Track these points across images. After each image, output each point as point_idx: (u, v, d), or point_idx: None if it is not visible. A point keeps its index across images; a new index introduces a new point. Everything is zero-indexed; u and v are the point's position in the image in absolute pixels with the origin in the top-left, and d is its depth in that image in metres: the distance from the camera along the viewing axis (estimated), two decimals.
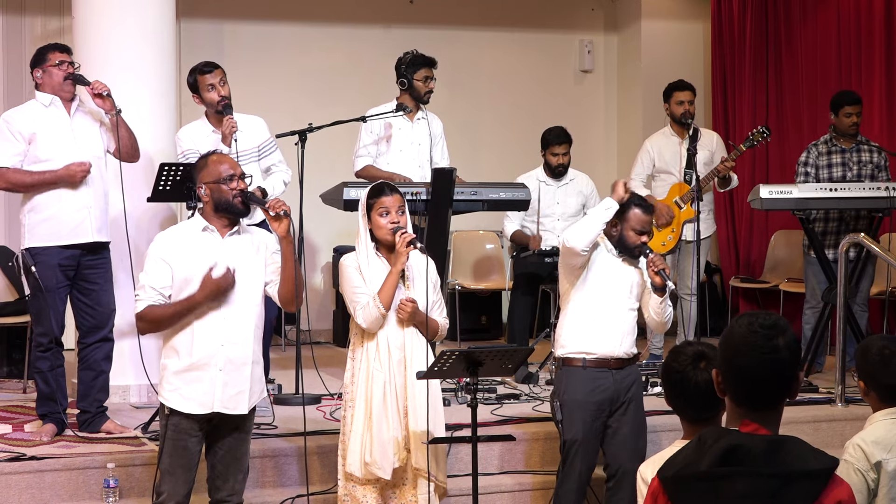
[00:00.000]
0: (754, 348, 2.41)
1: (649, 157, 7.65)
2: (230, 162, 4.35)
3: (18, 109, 5.65)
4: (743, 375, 2.43)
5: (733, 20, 9.48)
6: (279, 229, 4.22)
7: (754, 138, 7.31)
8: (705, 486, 2.35)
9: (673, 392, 3.37)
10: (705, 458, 2.36)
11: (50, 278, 5.47)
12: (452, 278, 8.67)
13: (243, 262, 4.25)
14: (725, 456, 2.34)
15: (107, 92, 5.50)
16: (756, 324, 2.43)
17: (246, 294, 4.24)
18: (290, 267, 4.24)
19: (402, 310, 4.49)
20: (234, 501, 4.34)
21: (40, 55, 5.63)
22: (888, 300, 7.32)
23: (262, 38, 9.22)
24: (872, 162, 7.25)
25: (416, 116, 6.79)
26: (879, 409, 3.79)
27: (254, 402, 4.33)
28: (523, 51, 9.97)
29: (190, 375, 4.20)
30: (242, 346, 4.23)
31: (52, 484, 5.11)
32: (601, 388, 4.84)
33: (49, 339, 5.51)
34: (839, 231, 7.18)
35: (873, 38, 8.24)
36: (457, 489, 5.15)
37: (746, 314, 2.48)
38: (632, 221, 4.88)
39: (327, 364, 7.14)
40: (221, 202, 4.24)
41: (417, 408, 4.48)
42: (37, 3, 8.61)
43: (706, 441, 2.39)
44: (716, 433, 2.41)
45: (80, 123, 5.63)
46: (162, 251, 4.23)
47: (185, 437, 4.21)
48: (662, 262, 4.84)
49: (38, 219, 5.52)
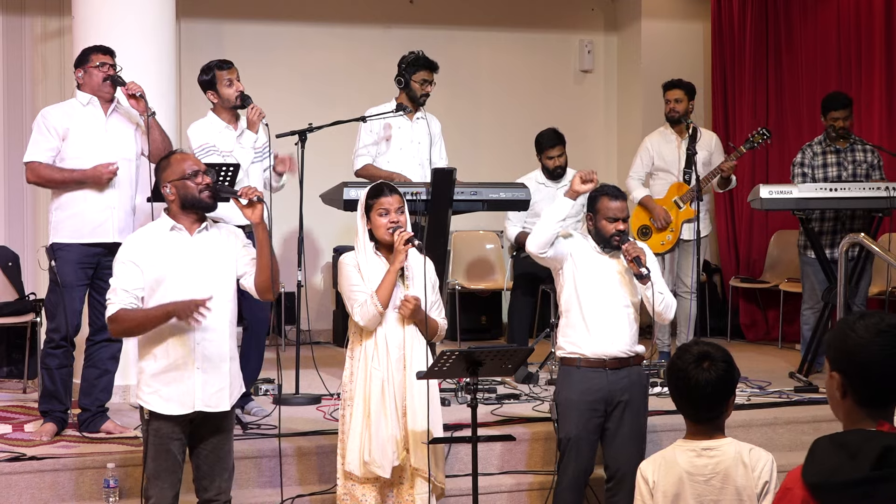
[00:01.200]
0: (884, 348, 2.40)
1: (648, 156, 7.68)
2: (193, 159, 4.34)
3: (57, 106, 5.72)
4: (874, 376, 2.42)
5: (733, 20, 9.49)
6: (253, 216, 4.19)
7: (755, 140, 7.31)
8: (863, 491, 2.31)
9: (676, 391, 3.38)
10: (858, 461, 2.32)
11: (68, 274, 5.51)
12: (452, 278, 8.68)
13: (213, 258, 4.23)
14: (881, 458, 2.31)
15: (140, 93, 5.54)
16: (883, 324, 2.42)
17: (218, 290, 4.20)
18: (267, 254, 4.20)
19: (404, 306, 4.49)
20: (221, 500, 4.32)
21: (83, 56, 5.69)
22: (888, 300, 7.33)
23: (262, 38, 9.23)
24: (867, 161, 7.26)
25: (416, 116, 6.80)
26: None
27: (234, 399, 4.30)
28: (523, 51, 9.97)
29: (168, 376, 4.17)
30: (218, 342, 4.21)
31: (52, 484, 5.11)
32: (594, 389, 4.83)
33: (61, 335, 5.52)
34: (835, 231, 7.19)
35: (873, 38, 8.25)
36: (456, 489, 5.15)
37: (862, 314, 2.47)
38: (602, 211, 4.87)
39: (327, 364, 7.13)
40: (188, 198, 4.21)
41: (416, 407, 4.48)
42: (37, 3, 8.62)
43: (851, 444, 2.36)
44: (860, 436, 2.38)
45: (115, 124, 5.67)
46: (130, 254, 4.21)
47: (168, 440, 4.19)
48: (636, 250, 4.78)
49: (63, 216, 5.57)
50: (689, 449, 3.34)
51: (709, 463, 3.31)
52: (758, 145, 7.37)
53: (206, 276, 4.20)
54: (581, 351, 4.86)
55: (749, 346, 8.90)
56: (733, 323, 9.28)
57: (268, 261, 4.20)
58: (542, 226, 4.83)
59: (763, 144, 7.41)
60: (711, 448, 3.32)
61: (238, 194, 4.22)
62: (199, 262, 4.20)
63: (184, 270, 4.18)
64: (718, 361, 3.28)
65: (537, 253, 4.85)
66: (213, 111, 6.08)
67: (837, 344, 2.47)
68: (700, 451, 3.32)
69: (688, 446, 3.35)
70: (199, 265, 4.20)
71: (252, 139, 5.99)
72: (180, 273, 4.17)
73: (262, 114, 5.97)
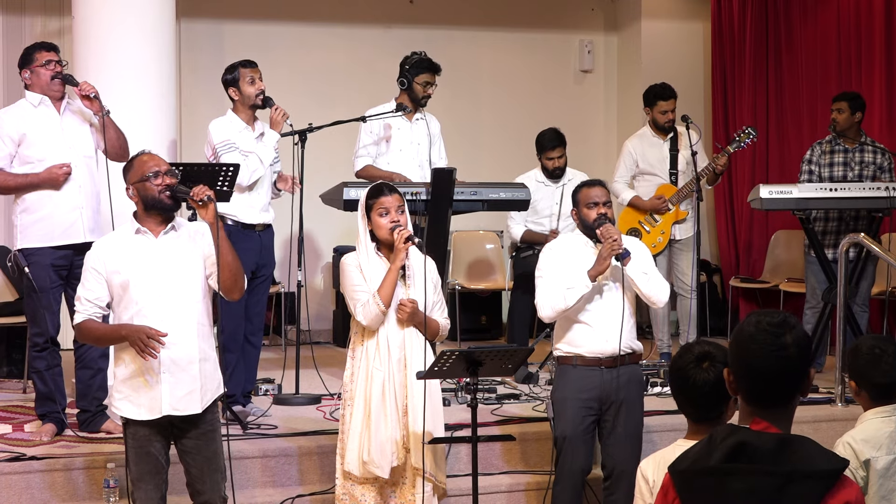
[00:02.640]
0: (763, 346, 2.42)
1: (632, 159, 7.65)
2: (156, 160, 4.29)
3: (8, 110, 5.65)
4: (753, 373, 2.45)
5: (733, 20, 9.49)
6: (206, 216, 4.15)
7: (741, 139, 7.31)
8: (711, 482, 2.36)
9: (676, 390, 3.39)
10: (714, 453, 2.37)
11: (43, 278, 5.48)
12: (452, 278, 8.68)
13: (179, 260, 4.19)
14: (733, 452, 2.35)
15: (94, 94, 5.47)
16: (764, 322, 2.44)
17: (185, 292, 4.18)
18: (225, 253, 4.16)
19: (401, 310, 4.49)
20: (216, 501, 4.30)
21: (27, 55, 5.62)
22: (888, 300, 7.33)
23: (262, 38, 9.22)
24: (875, 163, 7.25)
25: (415, 117, 6.79)
26: (870, 408, 3.81)
27: (209, 400, 4.24)
28: (523, 51, 9.97)
29: (136, 382, 4.15)
30: (185, 345, 4.16)
31: (52, 484, 5.11)
32: (589, 387, 4.83)
33: (45, 338, 5.52)
34: (839, 231, 7.18)
35: (873, 38, 8.24)
36: (456, 489, 5.15)
37: (755, 312, 2.49)
38: (583, 200, 4.89)
39: (327, 364, 7.14)
40: (148, 199, 4.19)
41: (416, 407, 4.48)
42: (37, 3, 8.62)
43: (716, 438, 2.41)
44: (727, 430, 2.43)
45: (70, 122, 5.61)
46: (94, 261, 4.19)
47: (147, 443, 4.18)
48: (609, 231, 4.73)
49: (30, 220, 5.52)
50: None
51: None
52: (745, 145, 7.37)
53: (173, 277, 4.16)
54: (576, 350, 4.87)
55: None
56: (733, 323, 9.27)
57: (227, 260, 4.16)
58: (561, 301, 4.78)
59: (750, 143, 7.41)
60: None
61: (190, 194, 4.18)
62: (164, 264, 4.16)
63: (149, 273, 4.14)
64: (718, 362, 3.28)
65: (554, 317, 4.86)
66: (232, 110, 6.08)
67: (731, 340, 2.52)
68: None
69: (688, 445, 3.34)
70: (164, 267, 4.16)
71: (275, 139, 6.02)
72: (146, 276, 4.14)
73: (286, 114, 6.03)
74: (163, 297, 4.13)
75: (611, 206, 4.91)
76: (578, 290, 4.74)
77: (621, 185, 7.62)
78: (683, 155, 7.49)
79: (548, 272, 4.85)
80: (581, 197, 4.91)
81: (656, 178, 7.57)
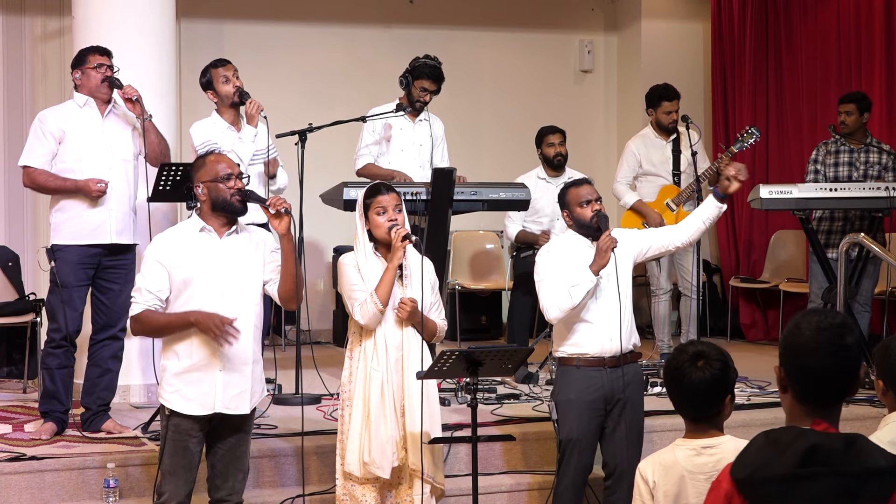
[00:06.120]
0: (824, 346, 2.42)
1: (635, 160, 7.63)
2: (227, 161, 4.35)
3: (54, 109, 5.72)
4: (812, 374, 2.44)
5: (733, 20, 9.49)
6: (280, 227, 4.22)
7: (744, 139, 7.25)
8: (787, 487, 2.33)
9: (671, 389, 3.38)
10: (785, 458, 2.34)
11: (68, 275, 5.53)
12: (452, 278, 8.68)
13: (241, 262, 4.25)
14: (807, 456, 2.33)
15: (137, 97, 5.55)
16: (825, 322, 2.44)
17: (245, 294, 4.24)
18: (291, 265, 4.23)
19: (401, 309, 4.48)
20: (233, 501, 4.33)
21: (81, 57, 5.70)
22: (888, 300, 7.32)
23: (262, 38, 9.23)
24: (880, 163, 7.25)
25: (419, 118, 6.78)
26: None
27: (255, 402, 4.33)
28: (523, 51, 9.98)
29: (191, 377, 4.19)
30: (242, 346, 4.21)
31: (52, 484, 5.11)
32: (594, 388, 4.81)
33: (61, 335, 5.54)
34: (844, 231, 7.17)
35: (873, 38, 8.25)
36: (456, 489, 5.15)
37: (810, 312, 2.49)
38: (573, 200, 4.87)
39: (327, 364, 7.13)
40: (219, 201, 4.23)
41: (413, 408, 4.48)
42: (37, 3, 8.62)
43: (781, 440, 2.38)
44: (792, 433, 2.40)
45: (112, 126, 5.68)
46: (158, 254, 4.22)
47: (186, 437, 4.21)
48: (607, 242, 4.70)
49: (62, 218, 5.60)
50: (688, 448, 3.34)
51: (709, 461, 3.30)
52: (748, 145, 7.33)
53: (233, 279, 4.22)
54: (579, 350, 4.85)
55: (749, 346, 8.90)
56: (733, 323, 9.28)
57: (292, 271, 4.22)
58: (567, 299, 4.74)
59: (754, 144, 7.38)
60: (711, 446, 3.32)
61: (266, 203, 4.24)
62: (226, 264, 4.21)
63: (211, 272, 4.19)
64: (713, 360, 3.27)
65: (563, 317, 4.83)
66: (216, 112, 6.08)
67: (783, 339, 2.50)
68: (700, 449, 3.32)
69: (687, 445, 3.35)
70: (226, 268, 4.21)
71: (251, 133, 6.00)
72: (207, 275, 4.19)
73: (260, 107, 5.98)
74: (224, 296, 4.18)
75: (601, 202, 4.91)
76: (584, 286, 4.72)
77: (623, 186, 7.59)
78: (685, 156, 7.48)
79: (548, 274, 4.83)
80: (571, 198, 4.88)
81: (659, 179, 7.56)
